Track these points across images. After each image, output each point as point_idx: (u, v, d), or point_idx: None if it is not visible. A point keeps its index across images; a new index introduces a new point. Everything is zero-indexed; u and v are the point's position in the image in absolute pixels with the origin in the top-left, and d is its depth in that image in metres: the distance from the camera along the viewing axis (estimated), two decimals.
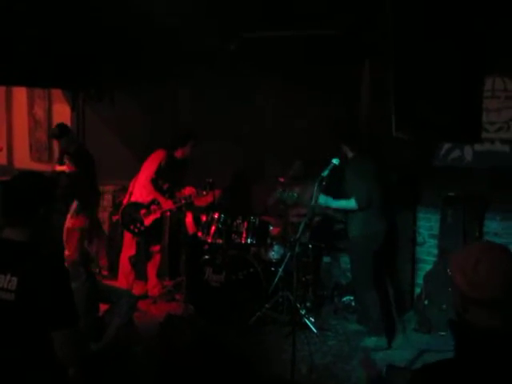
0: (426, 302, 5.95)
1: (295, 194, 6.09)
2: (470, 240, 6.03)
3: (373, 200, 5.47)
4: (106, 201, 8.17)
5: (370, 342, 5.54)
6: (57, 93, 8.45)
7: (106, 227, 8.03)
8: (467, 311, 2.02)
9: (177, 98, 7.83)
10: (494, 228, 6.13)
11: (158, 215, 6.48)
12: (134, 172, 6.68)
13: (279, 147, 7.05)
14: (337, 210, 6.00)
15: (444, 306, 5.81)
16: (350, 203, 5.48)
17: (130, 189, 6.64)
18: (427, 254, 6.58)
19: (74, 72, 6.79)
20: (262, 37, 6.18)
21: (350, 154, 5.61)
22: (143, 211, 6.43)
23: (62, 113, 8.53)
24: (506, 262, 2.00)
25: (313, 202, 5.21)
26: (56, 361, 2.53)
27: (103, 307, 4.79)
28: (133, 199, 6.52)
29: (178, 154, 6.59)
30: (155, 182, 6.44)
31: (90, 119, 8.37)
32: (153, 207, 6.45)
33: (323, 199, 5.48)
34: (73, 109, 8.29)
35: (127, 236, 6.59)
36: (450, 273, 2.09)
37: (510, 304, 1.99)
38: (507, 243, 5.93)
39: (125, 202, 6.61)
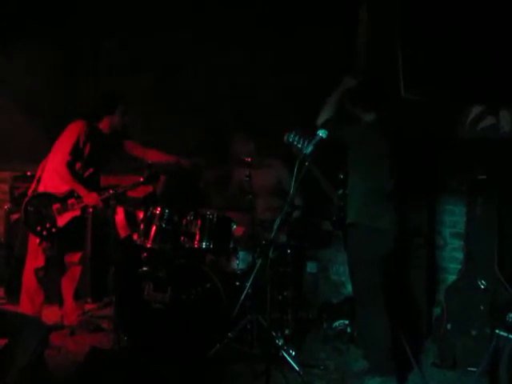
0: (448, 327, 5.99)
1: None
2: (508, 240, 6.12)
3: (384, 188, 5.52)
4: (1, 193, 8.20)
5: (374, 382, 5.54)
6: None
7: (0, 231, 7.98)
8: None
9: (100, 51, 7.91)
10: None
11: (77, 213, 6.40)
12: (43, 153, 6.57)
13: (240, 120, 7.24)
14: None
15: (474, 333, 5.86)
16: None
17: (38, 173, 6.53)
18: (449, 259, 6.71)
19: None
20: None
21: (368, 118, 5.60)
22: (56, 206, 6.32)
23: None
24: None
25: (292, 190, 5.16)
26: None
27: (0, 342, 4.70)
28: (41, 189, 6.40)
29: (104, 125, 6.53)
30: (72, 165, 6.34)
31: None
32: (70, 201, 6.35)
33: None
34: None
35: (32, 241, 6.46)
36: None
37: None
38: None
39: (30, 192, 6.49)
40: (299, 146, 5.59)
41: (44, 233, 6.32)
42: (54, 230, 6.32)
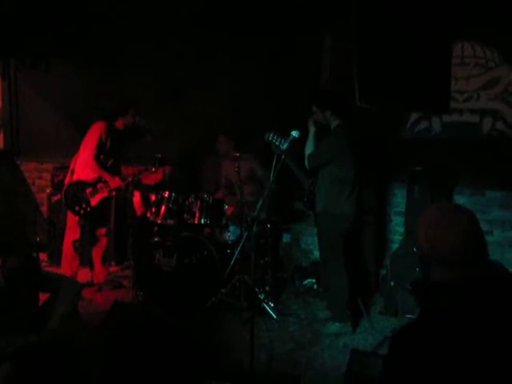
0: (391, 284, 6.02)
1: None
2: None
3: (347, 178, 5.50)
4: (45, 180, 8.09)
5: (334, 327, 5.61)
6: None
7: (44, 209, 7.93)
8: (430, 270, 2.18)
9: (122, 67, 7.71)
10: (463, 203, 6.15)
11: (105, 194, 6.38)
12: (75, 148, 6.54)
13: (232, 121, 7.10)
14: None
15: (411, 288, 5.87)
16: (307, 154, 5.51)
17: (72, 166, 6.51)
18: (393, 232, 6.72)
19: (4, 37, 6.64)
20: None
21: (335, 122, 5.55)
22: (89, 190, 6.33)
23: None
24: (466, 222, 2.19)
25: (271, 178, 5.25)
26: None
27: (43, 296, 4.74)
28: (75, 178, 6.40)
29: (119, 124, 6.48)
30: (97, 157, 6.33)
31: (23, 89, 8.23)
32: (99, 185, 6.35)
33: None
34: (3, 77, 8.13)
35: (71, 218, 6.48)
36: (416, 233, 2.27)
37: (468, 263, 2.16)
38: (478, 219, 6.20)
39: (66, 181, 6.49)
40: (277, 143, 5.51)
41: (81, 212, 6.35)
42: (88, 209, 6.33)
